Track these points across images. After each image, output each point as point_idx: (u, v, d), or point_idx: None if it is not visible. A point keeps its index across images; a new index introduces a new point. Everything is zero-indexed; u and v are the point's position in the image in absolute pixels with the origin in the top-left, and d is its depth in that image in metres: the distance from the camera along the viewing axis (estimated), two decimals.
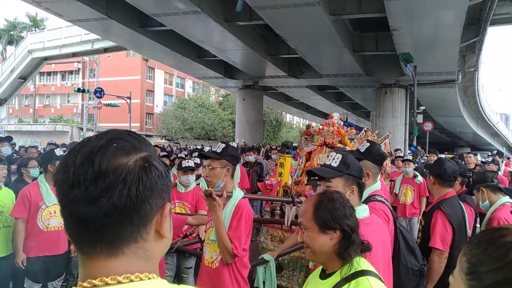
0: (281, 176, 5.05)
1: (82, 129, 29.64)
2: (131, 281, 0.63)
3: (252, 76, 18.92)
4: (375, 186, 2.32)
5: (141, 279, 0.64)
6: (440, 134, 36.29)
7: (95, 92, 22.89)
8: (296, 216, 4.05)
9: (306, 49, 13.88)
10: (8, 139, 6.55)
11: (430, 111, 23.13)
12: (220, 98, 44.68)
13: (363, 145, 2.43)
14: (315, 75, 16.98)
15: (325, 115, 29.40)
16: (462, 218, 2.75)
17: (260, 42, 14.67)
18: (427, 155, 12.35)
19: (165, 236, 0.69)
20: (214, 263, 2.37)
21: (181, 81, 45.91)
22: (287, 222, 3.86)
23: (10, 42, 37.70)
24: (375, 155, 2.36)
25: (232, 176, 2.44)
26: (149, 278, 0.65)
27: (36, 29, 34.76)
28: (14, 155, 6.06)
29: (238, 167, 5.64)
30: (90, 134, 26.61)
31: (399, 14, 10.37)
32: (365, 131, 5.80)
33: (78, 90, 23.38)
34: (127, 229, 0.64)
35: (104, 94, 22.73)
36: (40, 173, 4.09)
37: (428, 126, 17.83)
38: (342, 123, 4.94)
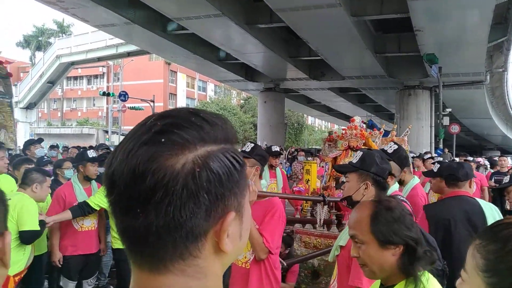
0: (309, 182, 5.05)
1: (107, 131, 30.37)
2: None
3: (273, 78, 18.92)
4: (394, 187, 2.36)
5: None
6: (467, 136, 35.30)
7: (120, 95, 23.38)
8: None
9: (328, 51, 13.78)
10: (40, 141, 6.77)
11: (456, 113, 22.53)
12: (242, 101, 44.86)
13: (391, 146, 2.48)
14: (336, 77, 16.83)
15: (347, 118, 29.05)
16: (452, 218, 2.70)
17: (281, 44, 14.66)
18: (455, 158, 12.02)
19: (226, 250, 0.55)
20: (247, 263, 2.36)
21: (203, 85, 46.41)
22: (320, 222, 3.84)
23: (38, 48, 39.02)
24: (401, 158, 2.47)
25: (260, 176, 2.45)
26: None
27: (63, 35, 35.85)
28: (45, 157, 6.25)
29: (279, 170, 5.64)
30: (115, 136, 27.23)
31: (422, 14, 10.15)
32: (392, 130, 5.73)
33: (103, 93, 23.94)
34: (169, 246, 0.52)
35: (128, 97, 23.18)
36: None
37: (455, 129, 17.37)
38: (364, 125, 4.88)
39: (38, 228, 3.16)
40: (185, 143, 0.51)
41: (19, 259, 3.11)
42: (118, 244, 3.76)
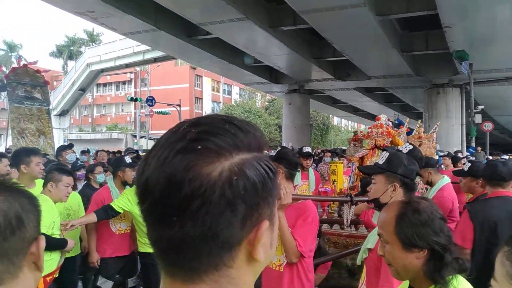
0: (335, 183, 5.02)
1: (135, 136, 31.08)
2: None
3: (297, 80, 18.85)
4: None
5: None
6: (501, 134, 33.97)
7: (147, 100, 23.93)
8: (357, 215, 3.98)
9: (352, 51, 13.63)
10: (70, 146, 7.02)
11: (489, 110, 21.75)
12: (266, 103, 44.91)
13: (406, 147, 2.44)
14: (362, 77, 16.59)
15: (374, 117, 28.50)
16: (498, 220, 2.61)
17: (305, 46, 14.61)
18: (488, 156, 11.62)
19: (259, 259, 0.55)
20: (281, 267, 2.35)
21: (228, 88, 46.78)
22: (347, 222, 3.82)
23: (70, 57, 40.42)
24: (415, 158, 2.41)
25: (289, 179, 2.42)
26: None
27: (93, 43, 36.99)
28: (79, 161, 6.48)
29: (312, 172, 5.56)
30: (143, 141, 27.72)
31: (451, 10, 9.88)
32: (418, 127, 5.61)
33: (131, 99, 24.56)
34: (204, 256, 0.51)
35: (155, 102, 23.69)
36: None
37: (488, 126, 16.77)
38: (390, 123, 4.81)
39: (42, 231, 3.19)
40: (221, 151, 0.50)
41: (46, 260, 3.21)
42: (144, 248, 3.85)
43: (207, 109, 43.56)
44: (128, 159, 4.16)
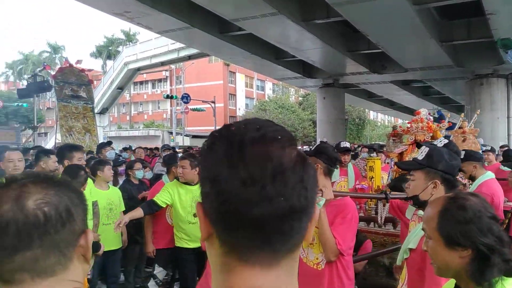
0: (372, 180, 4.92)
1: (171, 133, 31.79)
2: None
3: (331, 74, 18.56)
4: None
5: None
6: None
7: (182, 98, 24.40)
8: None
9: (388, 43, 13.23)
10: (109, 143, 7.28)
11: None
12: (300, 98, 44.61)
13: (441, 141, 2.34)
14: (399, 69, 16.10)
15: (412, 111, 27.64)
16: None
17: (339, 39, 14.34)
18: None
19: (309, 242, 0.62)
20: (320, 265, 2.30)
21: (261, 84, 46.83)
22: (381, 220, 3.75)
23: (109, 57, 41.86)
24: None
25: (327, 175, 2.38)
26: None
27: (130, 43, 38.09)
28: (121, 157, 6.70)
29: (351, 167, 5.47)
30: (179, 137, 28.36)
31: None
32: (461, 122, 5.38)
33: (167, 96, 25.10)
34: (295, 235, 0.56)
35: (190, 99, 24.12)
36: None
37: None
38: (431, 117, 4.63)
39: None
40: (294, 140, 0.58)
41: None
42: (180, 242, 3.95)
43: (240, 105, 43.86)
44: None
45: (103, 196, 4.13)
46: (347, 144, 5.67)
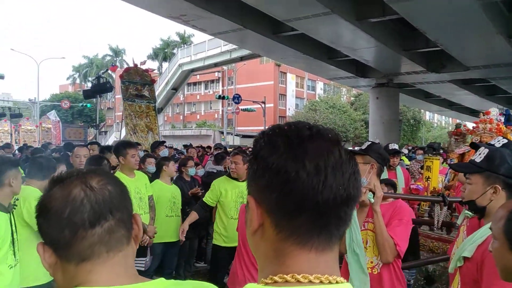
0: (429, 180, 4.72)
1: (222, 132, 32.43)
2: (330, 283, 0.61)
3: (386, 73, 17.97)
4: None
5: (330, 282, 0.61)
6: None
7: (233, 98, 24.82)
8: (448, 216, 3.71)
9: (449, 40, 12.56)
10: (162, 142, 7.61)
11: None
12: (352, 98, 43.63)
13: (499, 140, 2.14)
14: (459, 68, 15.23)
15: (473, 112, 26.04)
16: None
17: (395, 37, 13.85)
18: None
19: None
20: (375, 269, 2.26)
21: (312, 84, 46.39)
22: (437, 223, 3.60)
23: (164, 59, 43.52)
24: None
25: (379, 175, 2.35)
26: (337, 282, 0.62)
27: (185, 45, 39.35)
28: (176, 155, 6.99)
29: (400, 170, 5.31)
30: (230, 137, 28.92)
31: None
32: None
33: (219, 97, 25.65)
34: (347, 221, 0.63)
35: (241, 100, 24.47)
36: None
37: None
38: (502, 119, 4.34)
39: None
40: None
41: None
42: (218, 240, 4.04)
43: (290, 105, 43.72)
44: None
45: (168, 190, 4.45)
46: (396, 146, 5.46)
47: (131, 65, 11.58)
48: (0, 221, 2.55)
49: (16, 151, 10.29)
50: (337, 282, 0.61)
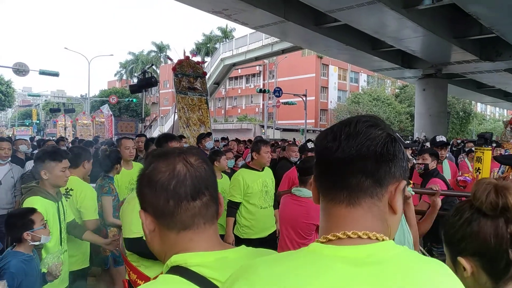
0: (479, 171, 4.49)
1: (263, 126, 32.50)
2: (369, 238, 0.70)
3: (434, 63, 17.20)
4: None
5: (377, 239, 0.70)
6: None
7: (274, 91, 24.75)
8: None
9: (505, 26, 11.78)
10: (208, 134, 7.75)
11: None
12: (397, 90, 42.21)
13: None
14: None
15: None
16: None
17: (444, 25, 13.19)
18: None
19: (397, 211, 0.75)
20: None
21: (355, 76, 45.37)
22: None
23: (207, 54, 44.19)
24: None
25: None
26: (383, 239, 0.71)
27: (226, 39, 39.73)
28: (216, 147, 7.11)
29: (446, 163, 5.12)
30: (270, 130, 28.94)
31: None
32: None
33: (260, 91, 25.67)
34: (366, 181, 0.72)
35: (282, 93, 24.34)
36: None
37: None
38: None
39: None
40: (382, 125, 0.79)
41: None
42: (248, 234, 3.99)
43: (332, 98, 43.00)
44: (310, 145, 4.89)
45: (219, 184, 4.44)
46: (444, 138, 5.21)
47: (175, 60, 11.77)
48: (49, 208, 2.71)
49: (70, 144, 10.89)
50: (383, 240, 0.71)
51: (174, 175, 0.86)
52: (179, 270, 0.82)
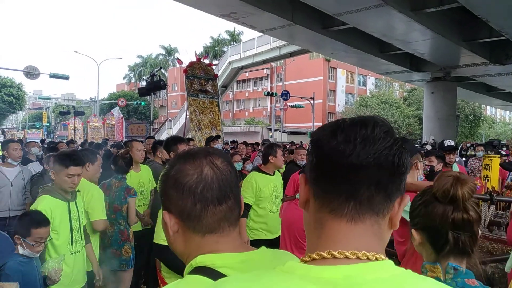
0: (487, 179, 4.48)
1: (270, 129, 32.52)
2: (358, 258, 0.61)
3: (442, 66, 17.08)
4: None
5: (368, 259, 0.62)
6: None
7: (282, 94, 24.78)
8: (496, 216, 3.56)
9: None
10: (217, 137, 7.81)
11: None
12: (405, 93, 41.97)
13: None
14: None
15: None
16: None
17: (453, 27, 13.12)
18: None
19: (396, 227, 0.68)
20: None
21: (362, 79, 45.24)
22: (484, 223, 3.44)
23: (215, 57, 44.40)
24: None
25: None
26: (376, 259, 0.62)
27: (234, 42, 39.89)
28: (225, 150, 7.17)
29: (456, 167, 5.03)
30: (277, 134, 29.00)
31: None
32: None
33: (268, 94, 25.75)
34: (379, 193, 0.64)
35: (289, 96, 24.37)
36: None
37: None
38: None
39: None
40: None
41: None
42: (258, 235, 4.03)
43: (340, 101, 42.90)
44: None
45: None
46: (452, 142, 5.17)
47: (185, 63, 11.84)
48: (56, 208, 2.74)
49: (80, 147, 11.00)
50: (376, 259, 0.62)
51: (201, 178, 0.86)
52: (206, 271, 0.82)
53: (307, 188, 0.70)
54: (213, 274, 0.81)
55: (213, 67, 10.48)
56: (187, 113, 10.13)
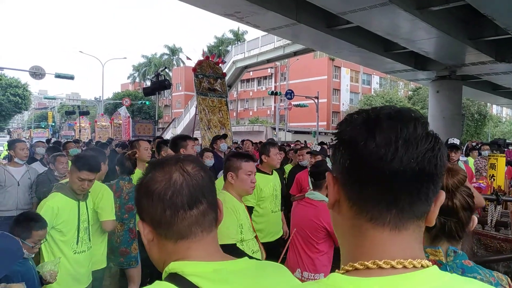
0: (493, 178, 4.46)
1: (274, 128, 32.51)
2: (405, 267, 0.58)
3: (448, 65, 16.99)
4: None
5: (414, 267, 0.59)
6: None
7: (286, 94, 24.78)
8: (503, 216, 3.54)
9: None
10: (224, 136, 7.80)
11: None
12: (410, 92, 41.81)
13: None
14: None
15: None
16: None
17: (459, 26, 13.04)
18: None
19: (431, 224, 0.65)
20: None
21: (367, 78, 45.11)
22: (491, 223, 3.42)
23: (219, 56, 44.41)
24: None
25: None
26: (422, 266, 0.59)
27: (238, 42, 39.89)
28: (232, 149, 7.18)
29: (462, 166, 5.04)
30: (282, 133, 29.03)
31: None
32: None
33: (272, 93, 25.74)
34: (422, 199, 0.61)
35: (294, 95, 24.36)
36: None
37: None
38: None
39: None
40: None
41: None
42: (266, 238, 3.97)
43: (344, 100, 42.81)
44: (316, 147, 4.98)
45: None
46: (456, 141, 5.14)
47: (194, 60, 11.80)
48: (66, 205, 2.76)
49: (85, 146, 11.06)
50: (422, 266, 0.59)
51: (170, 184, 0.85)
52: (175, 278, 0.81)
53: (336, 189, 0.65)
54: (182, 282, 0.79)
55: (221, 64, 10.38)
56: (197, 112, 10.08)
